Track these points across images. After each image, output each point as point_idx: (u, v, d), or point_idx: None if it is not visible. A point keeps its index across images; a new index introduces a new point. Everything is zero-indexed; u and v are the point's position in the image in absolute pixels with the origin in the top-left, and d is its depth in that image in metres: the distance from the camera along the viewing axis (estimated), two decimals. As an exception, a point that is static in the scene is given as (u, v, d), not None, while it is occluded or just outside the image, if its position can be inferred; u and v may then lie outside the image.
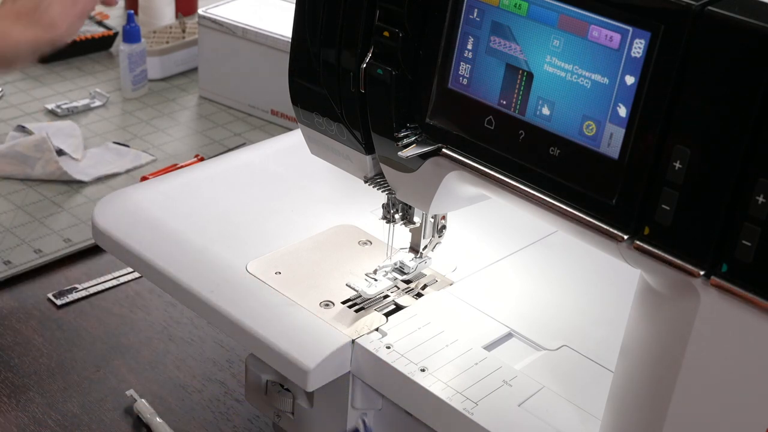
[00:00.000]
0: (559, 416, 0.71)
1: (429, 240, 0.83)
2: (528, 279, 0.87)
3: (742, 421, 0.58)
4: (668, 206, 0.56)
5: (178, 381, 0.99)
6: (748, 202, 0.53)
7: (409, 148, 0.69)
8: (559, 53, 0.60)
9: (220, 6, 1.51)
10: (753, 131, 0.52)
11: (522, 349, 0.79)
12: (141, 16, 1.73)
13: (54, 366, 1.00)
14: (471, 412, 0.70)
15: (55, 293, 1.09)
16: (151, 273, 0.85)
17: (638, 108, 0.56)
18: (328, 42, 0.72)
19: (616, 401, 0.66)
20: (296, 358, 0.73)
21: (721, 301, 0.56)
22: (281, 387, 0.81)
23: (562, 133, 0.61)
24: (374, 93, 0.70)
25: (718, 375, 0.58)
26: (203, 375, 1.00)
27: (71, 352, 1.02)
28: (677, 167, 0.55)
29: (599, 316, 0.83)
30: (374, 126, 0.71)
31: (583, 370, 0.77)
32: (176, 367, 1.01)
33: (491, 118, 0.64)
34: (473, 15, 0.64)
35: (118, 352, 1.02)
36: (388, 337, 0.77)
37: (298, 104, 0.77)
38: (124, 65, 1.52)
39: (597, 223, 0.60)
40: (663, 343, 0.61)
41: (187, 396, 0.97)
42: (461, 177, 0.69)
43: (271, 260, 0.85)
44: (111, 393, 0.97)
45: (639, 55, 0.56)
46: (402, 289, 0.83)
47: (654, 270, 0.59)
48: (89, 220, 1.07)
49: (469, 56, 0.65)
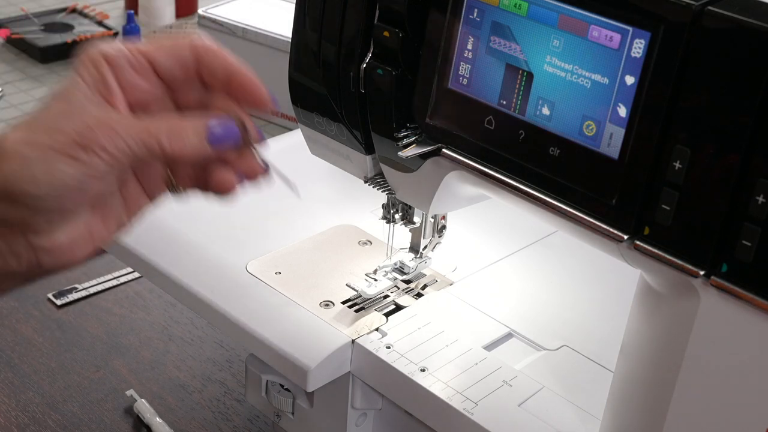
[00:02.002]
0: (559, 416, 0.71)
1: (429, 240, 0.83)
2: (528, 279, 0.87)
3: (742, 420, 0.58)
4: (668, 206, 0.56)
5: (178, 381, 0.99)
6: (748, 202, 0.53)
7: (409, 148, 0.69)
8: (559, 53, 0.60)
9: (220, 6, 1.51)
10: (753, 131, 0.52)
11: (522, 349, 0.79)
12: (141, 16, 1.73)
13: (54, 366, 1.00)
14: (471, 412, 0.70)
15: (55, 293, 1.09)
16: (151, 273, 0.85)
17: (638, 108, 0.56)
18: (328, 42, 0.72)
19: (616, 401, 0.66)
20: (296, 358, 0.73)
21: (721, 301, 0.56)
22: (281, 387, 0.81)
23: (562, 133, 0.61)
24: (374, 93, 0.70)
25: (718, 375, 0.58)
26: (203, 375, 1.00)
27: (71, 352, 1.01)
28: (677, 167, 0.55)
29: (599, 316, 0.83)
30: (374, 126, 0.71)
31: (583, 370, 0.77)
32: (176, 367, 1.01)
33: (491, 118, 0.64)
34: (473, 15, 0.64)
35: (118, 352, 1.02)
36: (388, 337, 0.77)
37: (298, 104, 0.77)
38: (124, 65, 1.52)
39: (597, 223, 0.60)
40: (663, 343, 0.61)
41: (187, 396, 0.97)
42: (461, 177, 0.69)
43: (271, 260, 0.85)
44: (111, 393, 0.97)
45: (639, 55, 0.56)
46: (402, 289, 0.83)
47: (654, 270, 0.59)
48: (89, 220, 1.07)
49: (469, 56, 0.64)
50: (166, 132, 0.55)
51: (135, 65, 0.56)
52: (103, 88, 0.55)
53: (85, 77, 0.55)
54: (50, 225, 0.54)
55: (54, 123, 0.53)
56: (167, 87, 0.58)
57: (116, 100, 0.55)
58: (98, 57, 0.55)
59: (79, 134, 0.53)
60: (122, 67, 0.56)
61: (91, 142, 0.53)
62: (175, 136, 0.55)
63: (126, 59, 0.56)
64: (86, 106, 0.54)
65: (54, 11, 1.81)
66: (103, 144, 0.53)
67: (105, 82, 0.55)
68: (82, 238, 0.56)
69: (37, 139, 0.53)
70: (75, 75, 0.55)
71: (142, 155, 0.54)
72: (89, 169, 0.53)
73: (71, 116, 0.54)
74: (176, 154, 0.55)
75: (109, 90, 0.55)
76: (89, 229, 0.56)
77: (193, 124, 0.56)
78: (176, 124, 0.55)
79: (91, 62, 0.55)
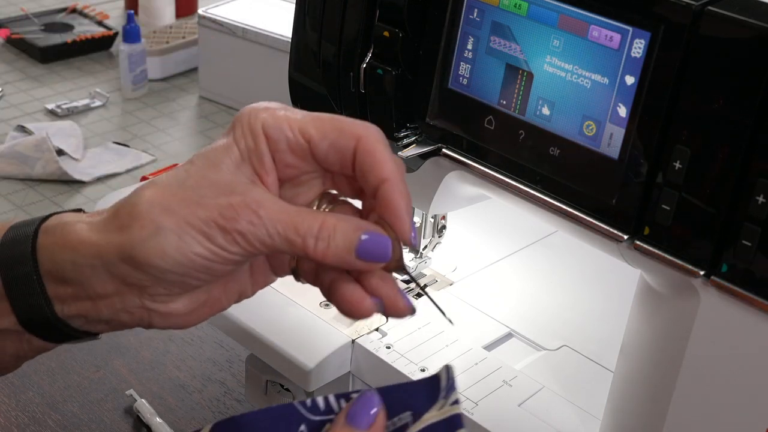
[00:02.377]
0: (559, 416, 0.71)
1: (429, 240, 0.83)
2: (528, 279, 0.87)
3: (742, 420, 0.58)
4: (668, 206, 0.56)
5: (178, 381, 0.99)
6: (748, 202, 0.53)
7: (409, 148, 0.69)
8: (559, 53, 0.60)
9: (220, 6, 1.51)
10: (753, 131, 0.52)
11: (522, 349, 0.79)
12: (141, 16, 1.73)
13: (54, 366, 1.00)
14: (471, 412, 0.70)
15: (55, 293, 1.09)
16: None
17: (638, 108, 0.56)
18: (328, 42, 0.72)
19: (616, 401, 0.66)
20: (296, 358, 0.73)
21: (721, 301, 0.56)
22: (281, 387, 0.81)
23: (562, 133, 0.61)
24: (374, 93, 0.70)
25: (718, 375, 0.58)
26: (203, 375, 1.00)
27: (71, 352, 1.01)
28: (677, 167, 0.55)
29: (599, 316, 0.83)
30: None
31: (583, 370, 0.77)
32: (176, 367, 1.01)
33: (491, 118, 0.64)
34: (473, 15, 0.64)
35: (118, 352, 1.02)
36: (388, 337, 0.77)
37: (298, 104, 0.77)
38: (124, 65, 1.52)
39: (597, 223, 0.60)
40: (663, 343, 0.61)
41: (187, 396, 0.97)
42: (461, 177, 0.69)
43: (271, 260, 0.85)
44: (111, 393, 0.97)
45: (639, 55, 0.56)
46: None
47: (654, 270, 0.59)
48: (89, 220, 1.07)
49: (469, 56, 0.64)
50: (315, 234, 0.50)
51: (293, 145, 0.51)
52: (257, 161, 0.51)
53: (239, 144, 0.51)
54: (170, 296, 0.52)
55: (196, 194, 0.49)
56: (320, 168, 0.53)
57: (267, 177, 0.51)
58: (258, 129, 0.51)
59: (221, 214, 0.49)
60: (280, 143, 0.51)
61: (231, 226, 0.49)
62: (322, 238, 0.50)
63: (285, 138, 0.51)
64: (234, 179, 0.50)
65: (54, 11, 1.82)
66: (243, 230, 0.49)
67: (259, 155, 0.51)
68: (201, 306, 0.53)
69: (174, 208, 0.49)
70: (230, 138, 0.51)
71: (281, 249, 0.50)
72: (223, 252, 0.49)
73: (216, 189, 0.50)
74: (317, 257, 0.50)
75: (262, 164, 0.51)
76: (209, 297, 0.54)
77: (345, 230, 0.50)
78: (327, 225, 0.50)
79: (249, 130, 0.51)
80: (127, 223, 0.50)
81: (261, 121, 0.51)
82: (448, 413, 0.50)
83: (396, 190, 0.51)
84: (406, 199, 0.51)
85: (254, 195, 0.50)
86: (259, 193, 0.50)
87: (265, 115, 0.51)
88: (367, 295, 0.51)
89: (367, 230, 0.50)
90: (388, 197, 0.51)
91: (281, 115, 0.51)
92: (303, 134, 0.51)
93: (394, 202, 0.51)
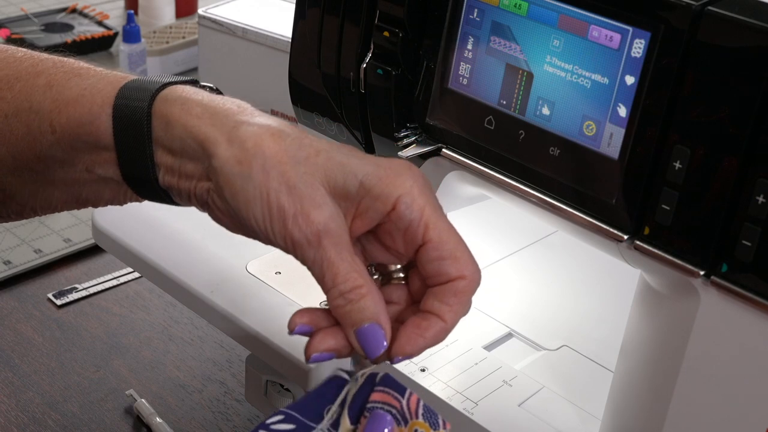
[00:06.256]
0: (559, 416, 0.71)
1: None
2: (528, 279, 0.87)
3: (742, 420, 0.58)
4: (668, 206, 0.56)
5: (178, 381, 0.99)
6: (748, 202, 0.53)
7: (409, 148, 0.69)
8: (559, 53, 0.60)
9: (220, 6, 1.51)
10: (753, 131, 0.52)
11: (522, 349, 0.79)
12: (141, 16, 1.73)
13: (54, 366, 1.00)
14: (471, 412, 0.70)
15: (55, 293, 1.09)
16: (151, 273, 0.85)
17: (638, 108, 0.56)
18: (328, 42, 0.72)
19: (616, 401, 0.66)
20: (296, 358, 0.73)
21: (721, 301, 0.56)
22: (281, 387, 0.81)
23: (562, 133, 0.61)
24: (374, 93, 0.70)
25: (718, 375, 0.58)
26: (203, 375, 1.00)
27: (71, 352, 1.02)
28: (677, 167, 0.55)
29: (599, 316, 0.83)
30: (374, 126, 0.71)
31: (583, 370, 0.77)
32: (176, 367, 1.01)
33: (491, 118, 0.64)
34: (473, 15, 0.64)
35: (118, 352, 1.02)
36: (388, 337, 0.77)
37: (298, 104, 0.77)
38: (124, 65, 1.52)
39: (597, 223, 0.60)
40: (663, 343, 0.61)
41: (187, 396, 0.97)
42: (461, 177, 0.69)
43: (271, 260, 0.85)
44: (111, 393, 0.97)
45: (639, 55, 0.56)
46: (402, 289, 0.83)
47: (654, 270, 0.59)
48: (89, 220, 1.07)
49: (469, 56, 0.64)
50: (343, 291, 0.53)
51: (406, 234, 0.54)
52: (366, 216, 0.53)
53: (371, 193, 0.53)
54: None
55: (299, 180, 0.52)
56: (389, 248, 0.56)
57: (358, 222, 0.54)
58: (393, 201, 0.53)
59: (295, 214, 0.51)
60: (400, 222, 0.53)
61: (293, 229, 0.52)
62: (348, 299, 0.53)
63: (409, 222, 0.53)
64: (331, 200, 0.53)
65: (54, 11, 1.81)
66: (297, 241, 0.52)
67: (374, 215, 0.53)
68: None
69: (273, 174, 0.52)
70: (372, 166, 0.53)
71: (310, 271, 0.53)
72: (270, 235, 0.52)
73: (312, 193, 0.52)
74: (330, 305, 0.54)
75: (365, 220, 0.54)
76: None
77: (364, 307, 0.53)
78: (359, 293, 0.53)
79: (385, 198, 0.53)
80: (240, 155, 0.52)
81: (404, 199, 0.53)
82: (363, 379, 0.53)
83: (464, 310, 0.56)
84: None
85: (331, 226, 0.52)
86: (337, 226, 0.52)
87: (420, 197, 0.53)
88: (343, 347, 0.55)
89: (378, 323, 0.53)
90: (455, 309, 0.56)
91: (426, 205, 0.53)
92: (424, 234, 0.53)
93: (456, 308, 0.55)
